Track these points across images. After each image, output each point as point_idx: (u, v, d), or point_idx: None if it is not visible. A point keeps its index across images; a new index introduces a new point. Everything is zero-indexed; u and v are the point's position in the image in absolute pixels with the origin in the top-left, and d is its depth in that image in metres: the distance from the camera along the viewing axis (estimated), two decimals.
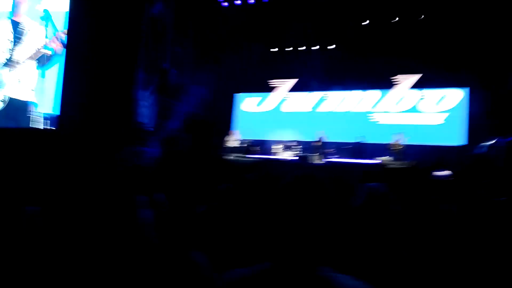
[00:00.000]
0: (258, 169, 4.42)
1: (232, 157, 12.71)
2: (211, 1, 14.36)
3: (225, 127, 15.67)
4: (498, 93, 12.27)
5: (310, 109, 15.70)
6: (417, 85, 14.19)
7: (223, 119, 16.27)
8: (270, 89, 16.35)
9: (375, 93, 14.81)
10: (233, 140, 14.07)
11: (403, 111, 14.39)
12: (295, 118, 15.75)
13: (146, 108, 11.78)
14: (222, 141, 14.34)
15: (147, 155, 10.64)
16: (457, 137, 13.08)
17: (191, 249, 1.29)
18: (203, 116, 14.88)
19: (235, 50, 16.28)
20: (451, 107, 13.69)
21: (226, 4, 14.59)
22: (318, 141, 13.74)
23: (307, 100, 15.79)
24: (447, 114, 13.69)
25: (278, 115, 16.08)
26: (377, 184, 1.56)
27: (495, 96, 12.35)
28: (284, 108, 16.14)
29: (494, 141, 10.54)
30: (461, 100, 13.49)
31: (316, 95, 15.60)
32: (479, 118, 12.52)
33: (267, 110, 16.34)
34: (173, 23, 12.94)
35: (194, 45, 14.60)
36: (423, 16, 13.47)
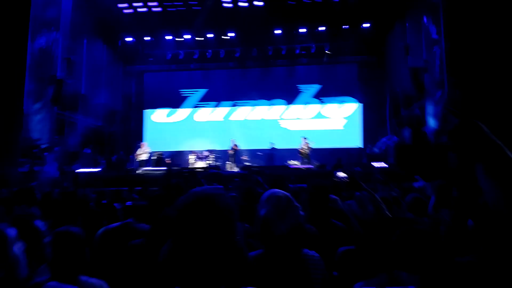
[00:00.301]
0: (167, 182, 4.21)
1: (141, 170, 12.06)
2: (112, 6, 13.47)
3: (134, 139, 14.85)
4: (389, 101, 13.91)
5: (221, 119, 15.77)
6: (319, 95, 15.37)
7: (132, 131, 15.44)
8: (181, 98, 16.02)
9: (281, 102, 15.53)
10: (143, 153, 13.38)
11: (309, 118, 15.34)
12: (207, 127, 15.67)
13: (38, 123, 10.55)
14: (131, 154, 13.56)
15: (43, 175, 9.53)
16: (354, 140, 14.45)
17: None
18: (108, 129, 13.93)
19: (142, 57, 15.67)
20: (348, 115, 15.11)
21: (130, 11, 13.92)
22: (232, 149, 13.86)
23: (219, 109, 15.86)
24: (344, 120, 15.10)
25: (190, 125, 15.82)
26: (280, 191, 1.56)
27: (383, 105, 14.04)
28: (196, 118, 15.94)
29: (382, 142, 11.85)
30: (355, 108, 15.02)
31: (227, 104, 15.77)
32: (371, 123, 14.14)
33: (179, 120, 15.95)
34: (69, 28, 11.87)
35: (90, 50, 13.52)
36: (325, 27, 14.56)
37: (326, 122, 15.20)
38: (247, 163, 13.45)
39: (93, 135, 12.96)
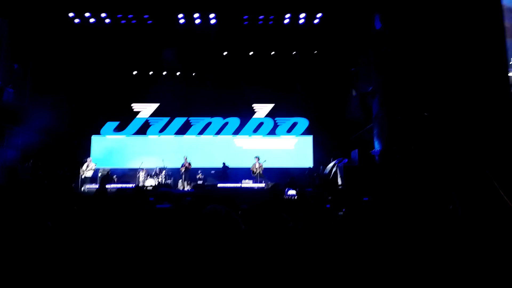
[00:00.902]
0: (112, 200, 4.00)
1: (85, 188, 11.43)
2: (60, 16, 12.90)
3: (80, 154, 14.06)
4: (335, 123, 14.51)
5: (173, 135, 15.46)
6: (271, 114, 15.66)
7: (78, 146, 14.63)
8: (131, 113, 15.53)
9: (235, 120, 15.59)
10: (89, 169, 12.72)
11: (261, 137, 15.51)
12: (159, 143, 15.27)
13: None
14: (75, 170, 12.81)
15: None
16: (305, 160, 14.79)
17: None
18: (50, 143, 13.09)
19: (90, 69, 15.07)
20: (299, 134, 15.49)
21: (77, 20, 13.41)
22: (183, 166, 13.61)
23: (171, 125, 15.56)
24: (296, 140, 15.45)
25: (141, 141, 15.31)
26: (216, 205, 1.53)
27: (332, 126, 14.63)
28: (148, 133, 15.47)
29: (333, 164, 12.27)
30: (306, 128, 15.46)
31: (179, 120, 15.52)
32: (320, 144, 14.63)
33: (128, 135, 15.37)
34: (7, 36, 11.18)
35: (38, 62, 12.81)
36: (273, 52, 15.02)
37: (278, 141, 15.45)
38: (200, 182, 13.26)
39: (35, 149, 12.12)
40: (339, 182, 11.70)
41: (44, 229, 3.33)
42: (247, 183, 12.81)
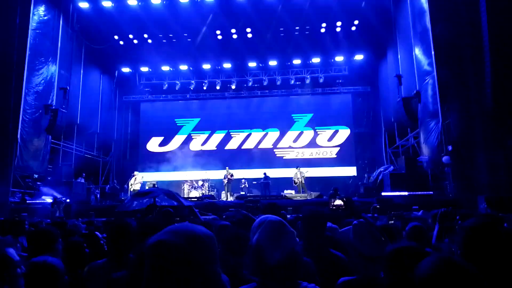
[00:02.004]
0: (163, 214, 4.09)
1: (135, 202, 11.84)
2: (108, 37, 13.72)
3: (128, 169, 14.71)
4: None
5: (215, 148, 15.74)
6: (310, 124, 15.52)
7: (126, 161, 15.33)
8: (176, 128, 16.06)
9: (275, 131, 15.59)
10: (137, 182, 13.22)
11: (302, 147, 15.38)
12: (202, 156, 15.60)
13: (32, 152, 10.46)
14: (124, 184, 13.40)
15: (34, 205, 9.33)
16: (348, 169, 14.43)
17: None
18: (102, 158, 13.82)
19: (138, 87, 15.82)
20: (340, 143, 15.18)
21: (125, 42, 14.19)
22: (226, 178, 13.75)
23: (213, 139, 15.88)
24: (338, 149, 15.14)
25: (185, 154, 15.73)
26: (273, 216, 1.48)
27: (377, 135, 14.18)
28: (191, 147, 15.90)
29: (378, 172, 11.85)
30: (348, 137, 15.12)
31: (221, 134, 15.81)
32: (363, 152, 14.18)
33: (173, 149, 15.87)
34: (66, 59, 12.04)
35: (86, 81, 13.61)
36: (319, 58, 14.92)
37: (319, 150, 15.23)
38: (242, 193, 13.31)
39: (87, 165, 12.84)
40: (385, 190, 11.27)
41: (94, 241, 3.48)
42: (290, 193, 12.68)
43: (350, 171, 14.37)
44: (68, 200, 9.96)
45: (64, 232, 3.16)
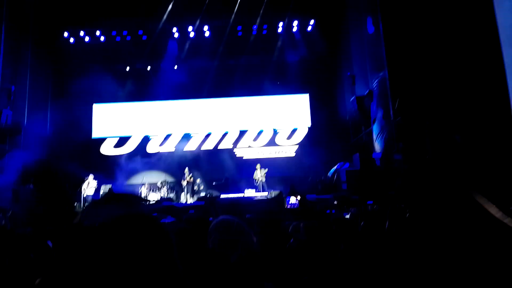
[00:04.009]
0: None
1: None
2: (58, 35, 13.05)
3: (81, 172, 13.98)
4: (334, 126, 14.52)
5: (173, 149, 15.42)
6: (269, 122, 15.65)
7: (78, 164, 14.55)
8: (131, 130, 15.52)
9: (234, 131, 15.56)
10: (90, 187, 12.66)
11: (262, 146, 15.48)
12: (159, 158, 15.22)
13: None
14: (76, 189, 12.74)
15: None
16: (307, 167, 14.72)
17: None
18: (49, 163, 13.03)
19: (90, 87, 15.12)
20: (299, 141, 15.47)
21: (72, 40, 13.55)
22: (185, 180, 13.54)
23: (171, 139, 15.54)
24: (296, 147, 15.42)
25: (141, 157, 15.25)
26: (229, 217, 1.48)
27: (334, 133, 14.61)
28: (148, 149, 15.45)
29: (335, 169, 12.23)
30: (306, 135, 15.45)
31: (179, 134, 15.50)
32: (321, 150, 14.54)
33: (129, 151, 15.33)
34: (10, 58, 11.26)
35: (33, 80, 12.80)
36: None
37: (279, 149, 15.42)
38: (203, 194, 13.19)
39: (35, 170, 12.07)
40: (342, 187, 11.65)
41: (44, 250, 3.29)
42: (250, 193, 12.74)
43: (309, 169, 14.64)
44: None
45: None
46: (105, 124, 15.45)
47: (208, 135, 15.55)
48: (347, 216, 4.43)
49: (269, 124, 15.61)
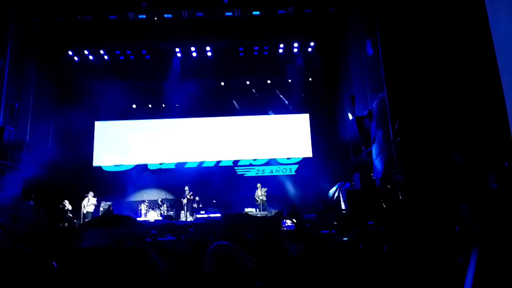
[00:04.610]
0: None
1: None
2: (62, 53, 13.29)
3: (81, 189, 13.97)
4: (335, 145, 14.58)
5: (174, 166, 15.45)
6: (270, 141, 15.74)
7: (78, 181, 14.56)
8: (132, 147, 15.58)
9: (235, 149, 15.61)
10: (90, 204, 12.63)
11: (262, 164, 15.51)
12: (159, 175, 15.23)
13: None
14: (77, 205, 12.72)
15: None
16: (308, 185, 14.73)
17: None
18: (53, 179, 13.07)
19: (92, 105, 15.29)
20: (300, 159, 15.52)
21: (76, 58, 13.80)
22: (186, 198, 13.51)
23: (171, 156, 15.57)
24: (297, 166, 15.46)
25: (142, 174, 15.26)
26: (225, 243, 1.51)
27: (332, 151, 14.69)
28: (148, 166, 15.47)
29: (335, 188, 12.24)
30: (307, 153, 15.52)
31: (180, 151, 15.55)
32: (322, 169, 14.57)
33: (129, 168, 15.35)
34: (14, 75, 11.43)
35: (36, 97, 12.95)
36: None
37: (279, 168, 15.45)
38: (202, 212, 13.13)
39: (36, 186, 12.08)
40: (343, 206, 11.60)
41: (49, 269, 3.29)
42: (251, 211, 12.69)
43: (310, 187, 14.63)
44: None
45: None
46: (107, 141, 15.53)
47: (209, 153, 15.60)
48: (345, 239, 4.42)
49: (270, 143, 15.69)
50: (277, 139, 15.67)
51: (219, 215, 11.99)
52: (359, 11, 11.67)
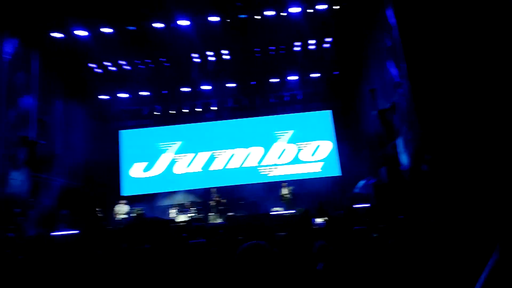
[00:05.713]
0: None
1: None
2: (82, 66, 13.69)
3: (112, 197, 14.44)
4: (361, 141, 14.38)
5: (200, 169, 15.71)
6: (292, 140, 15.76)
7: (109, 189, 15.05)
8: (158, 153, 15.97)
9: (258, 149, 15.72)
10: (122, 212, 13.02)
11: (287, 163, 15.52)
12: (187, 179, 15.53)
13: (12, 187, 10.21)
14: (109, 213, 13.15)
15: (18, 241, 9.05)
16: (332, 183, 14.64)
17: None
18: (85, 188, 13.56)
19: (117, 114, 15.75)
20: (324, 157, 15.42)
21: (101, 70, 14.18)
22: (213, 200, 13.70)
23: (197, 160, 15.85)
24: (322, 163, 15.37)
25: (169, 179, 15.62)
26: (252, 243, 1.55)
27: (359, 148, 14.50)
28: (175, 171, 15.81)
29: (362, 184, 12.08)
30: (331, 150, 15.40)
31: (204, 155, 15.81)
32: (347, 165, 14.42)
33: (157, 174, 15.76)
34: (41, 90, 11.93)
35: (66, 111, 13.47)
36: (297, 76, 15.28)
37: (304, 166, 15.41)
38: (230, 213, 13.27)
39: (69, 196, 12.59)
40: (371, 202, 11.45)
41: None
42: (278, 211, 12.72)
43: (336, 184, 14.58)
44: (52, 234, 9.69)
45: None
46: (133, 148, 15.98)
47: (233, 154, 15.77)
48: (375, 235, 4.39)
49: (293, 141, 15.70)
50: (300, 137, 15.66)
51: (247, 215, 12.10)
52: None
